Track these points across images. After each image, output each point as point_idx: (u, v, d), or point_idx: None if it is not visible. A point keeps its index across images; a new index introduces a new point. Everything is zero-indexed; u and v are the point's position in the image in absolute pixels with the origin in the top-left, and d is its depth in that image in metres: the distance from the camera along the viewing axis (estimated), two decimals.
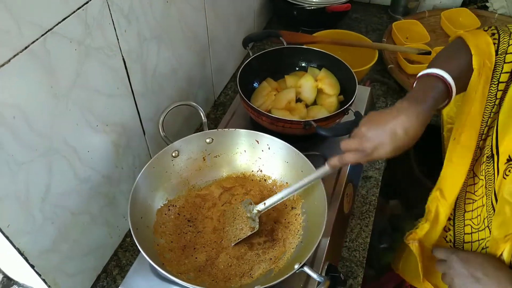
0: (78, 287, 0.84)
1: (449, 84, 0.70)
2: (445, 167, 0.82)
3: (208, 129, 0.91)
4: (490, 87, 0.74)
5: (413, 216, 0.97)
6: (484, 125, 0.76)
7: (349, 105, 0.96)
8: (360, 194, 1.07)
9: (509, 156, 0.67)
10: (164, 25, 0.90)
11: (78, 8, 0.65)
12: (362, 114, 0.93)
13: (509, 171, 0.67)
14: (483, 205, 0.75)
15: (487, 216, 0.73)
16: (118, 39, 0.76)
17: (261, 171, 0.93)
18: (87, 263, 0.85)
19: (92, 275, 0.88)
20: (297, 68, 1.19)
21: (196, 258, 0.78)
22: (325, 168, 0.76)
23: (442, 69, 0.71)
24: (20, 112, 0.59)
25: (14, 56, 0.55)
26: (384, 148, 0.66)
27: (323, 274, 0.77)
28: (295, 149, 0.86)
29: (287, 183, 0.86)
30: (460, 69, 0.73)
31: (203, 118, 0.91)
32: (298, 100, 1.10)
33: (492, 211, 0.71)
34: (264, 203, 0.82)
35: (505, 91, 0.73)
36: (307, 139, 1.02)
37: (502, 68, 0.72)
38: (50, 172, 0.68)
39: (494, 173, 0.71)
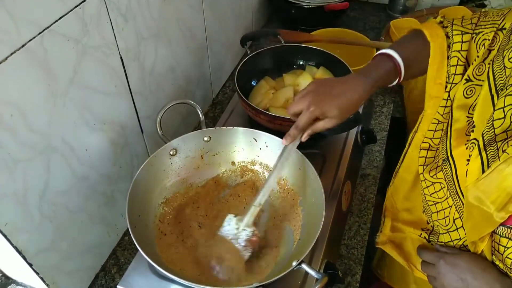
0: (77, 285, 0.84)
1: (398, 63, 0.77)
2: (398, 170, 0.89)
3: (206, 128, 0.91)
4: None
5: None
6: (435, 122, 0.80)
7: None
8: (358, 192, 1.07)
9: (469, 157, 0.68)
10: (161, 24, 0.90)
11: (76, 7, 0.64)
12: (360, 112, 0.93)
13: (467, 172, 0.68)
14: (450, 206, 0.76)
15: (460, 216, 0.73)
16: (115, 38, 0.76)
17: (259, 168, 0.93)
18: (86, 261, 0.85)
19: (91, 273, 0.88)
20: (295, 67, 1.19)
21: (194, 256, 0.79)
22: (286, 147, 0.79)
23: (394, 50, 0.78)
24: (17, 111, 0.59)
25: (12, 54, 0.55)
26: (330, 103, 0.72)
27: (321, 271, 0.77)
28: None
29: (284, 180, 0.86)
30: (413, 52, 0.79)
31: (201, 116, 0.91)
32: None
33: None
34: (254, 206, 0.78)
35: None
36: None
37: (449, 79, 0.76)
38: (48, 171, 0.68)
39: (452, 175, 0.72)
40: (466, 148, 0.69)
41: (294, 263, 0.68)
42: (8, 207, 0.62)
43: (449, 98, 0.76)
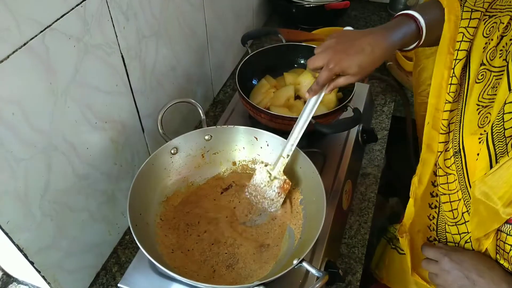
0: (78, 284, 0.84)
1: (420, 24, 0.74)
2: (423, 153, 0.84)
3: (207, 126, 0.91)
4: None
5: None
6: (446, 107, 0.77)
7: (348, 102, 0.97)
8: (359, 191, 1.07)
9: (479, 151, 0.67)
10: (162, 22, 0.90)
11: (77, 5, 0.65)
12: (361, 111, 0.94)
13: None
14: (459, 200, 0.75)
15: (468, 210, 0.73)
16: (116, 36, 0.76)
17: (260, 167, 0.93)
18: (87, 260, 0.85)
19: (92, 272, 0.88)
20: (295, 66, 1.19)
21: (195, 254, 0.79)
22: (310, 100, 0.80)
23: (418, 12, 0.75)
24: (19, 109, 0.59)
25: (13, 52, 0.55)
26: (350, 61, 0.71)
27: (322, 270, 0.78)
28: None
29: (285, 179, 0.86)
30: (433, 18, 0.76)
31: (202, 115, 0.91)
32: (297, 97, 1.10)
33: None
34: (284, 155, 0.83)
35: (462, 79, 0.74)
36: (306, 136, 1.02)
37: (457, 54, 0.73)
38: (49, 169, 0.68)
39: (463, 169, 0.71)
40: (480, 142, 0.67)
41: (295, 262, 0.68)
42: (10, 205, 0.62)
43: (454, 74, 0.74)
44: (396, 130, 1.31)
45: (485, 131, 0.65)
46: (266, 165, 0.86)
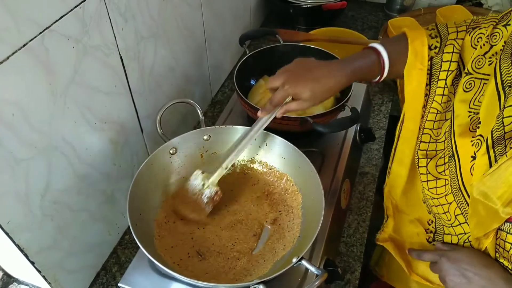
0: (78, 283, 0.84)
1: (382, 58, 0.79)
2: (391, 165, 0.89)
3: (206, 127, 0.91)
4: (430, 86, 0.79)
5: None
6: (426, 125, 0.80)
7: (345, 102, 0.97)
8: (357, 190, 1.07)
9: (474, 154, 0.68)
10: (160, 23, 0.90)
11: (76, 6, 0.65)
12: (359, 111, 0.94)
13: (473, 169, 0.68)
14: (449, 203, 0.76)
15: (462, 213, 0.73)
16: (115, 37, 0.76)
17: (258, 167, 0.94)
18: (87, 260, 0.86)
19: (92, 272, 0.88)
20: None
21: (195, 253, 0.79)
22: (261, 118, 0.82)
23: (381, 45, 0.79)
24: (19, 110, 0.59)
25: (13, 53, 0.56)
26: (304, 86, 0.76)
27: (321, 268, 0.78)
28: (292, 145, 0.87)
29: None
30: (399, 51, 0.80)
31: (200, 115, 0.92)
32: None
33: (467, 207, 0.71)
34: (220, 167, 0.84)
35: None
36: (304, 136, 1.03)
37: (441, 66, 0.76)
38: (49, 169, 0.68)
39: (456, 171, 0.72)
40: (472, 145, 0.68)
41: (294, 260, 0.68)
42: (10, 206, 0.63)
43: (446, 86, 0.76)
44: (393, 129, 1.31)
45: (481, 135, 0.66)
46: (203, 172, 0.85)
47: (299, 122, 0.93)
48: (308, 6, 1.49)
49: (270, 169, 0.93)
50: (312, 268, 0.68)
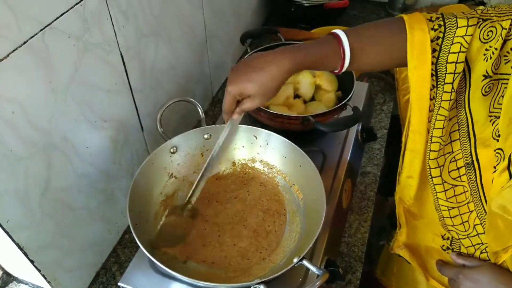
0: (78, 282, 0.84)
1: (343, 46, 0.69)
2: (400, 174, 0.83)
3: (206, 126, 0.91)
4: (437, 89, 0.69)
5: None
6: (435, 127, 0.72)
7: (347, 101, 0.97)
8: (359, 189, 1.07)
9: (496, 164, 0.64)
10: (161, 21, 0.90)
11: (77, 4, 0.64)
12: (360, 110, 0.94)
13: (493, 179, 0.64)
14: (470, 211, 0.73)
15: (481, 223, 0.71)
16: (116, 35, 0.76)
17: (259, 166, 0.93)
18: (87, 259, 0.85)
19: (91, 271, 0.88)
20: None
21: (195, 253, 0.79)
22: (228, 124, 0.80)
23: (346, 33, 0.69)
24: (19, 107, 0.59)
25: (13, 51, 0.55)
26: (247, 81, 0.69)
27: (322, 268, 0.78)
28: (293, 144, 0.86)
29: (285, 177, 0.86)
30: (372, 40, 0.71)
31: (201, 114, 0.91)
32: (296, 96, 1.10)
33: (486, 216, 0.69)
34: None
35: (459, 94, 0.70)
36: (306, 135, 1.02)
37: (446, 68, 0.67)
38: (49, 168, 0.68)
39: (476, 180, 0.68)
40: (496, 155, 0.63)
41: (295, 260, 0.68)
42: (10, 204, 0.62)
43: (453, 90, 0.67)
44: (395, 129, 1.31)
45: (501, 149, 0.61)
46: None
47: (301, 121, 0.93)
48: (310, 4, 1.48)
49: (271, 168, 0.92)
50: (313, 268, 0.67)
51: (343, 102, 0.96)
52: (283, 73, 0.68)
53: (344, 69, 0.72)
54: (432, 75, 0.68)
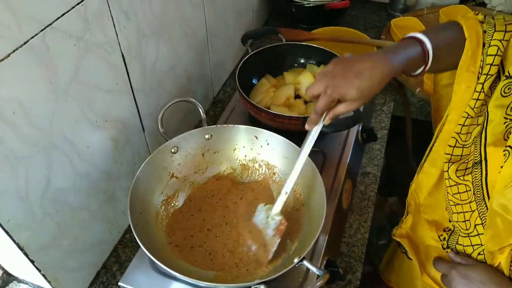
0: (78, 282, 0.84)
1: (426, 48, 0.70)
2: (423, 164, 0.84)
3: (207, 126, 0.91)
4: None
5: None
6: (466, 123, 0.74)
7: None
8: (359, 190, 1.07)
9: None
10: (163, 22, 0.90)
11: (78, 4, 0.65)
12: (361, 111, 0.94)
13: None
14: (472, 211, 0.73)
15: (482, 223, 0.71)
16: (117, 35, 0.76)
17: (260, 166, 0.93)
18: (87, 258, 0.85)
19: (92, 271, 0.88)
20: (296, 65, 1.19)
21: (196, 253, 0.79)
22: (310, 131, 0.76)
23: (425, 35, 0.71)
24: (20, 107, 0.59)
25: (14, 51, 0.55)
26: (348, 86, 0.67)
27: (322, 268, 0.78)
28: (294, 145, 0.86)
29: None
30: (445, 42, 0.73)
31: (202, 114, 0.91)
32: (297, 96, 1.10)
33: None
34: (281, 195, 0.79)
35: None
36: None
37: (482, 68, 0.70)
38: (50, 168, 0.68)
39: (481, 179, 0.68)
40: (504, 155, 0.63)
41: (295, 260, 0.68)
42: (10, 204, 0.62)
43: (482, 90, 0.69)
44: (395, 129, 1.31)
45: (510, 146, 0.62)
46: (265, 205, 0.81)
47: (302, 121, 0.93)
48: (311, 5, 1.48)
49: (271, 168, 0.92)
50: (313, 269, 0.68)
51: None
52: (386, 77, 0.68)
53: (424, 73, 0.74)
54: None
